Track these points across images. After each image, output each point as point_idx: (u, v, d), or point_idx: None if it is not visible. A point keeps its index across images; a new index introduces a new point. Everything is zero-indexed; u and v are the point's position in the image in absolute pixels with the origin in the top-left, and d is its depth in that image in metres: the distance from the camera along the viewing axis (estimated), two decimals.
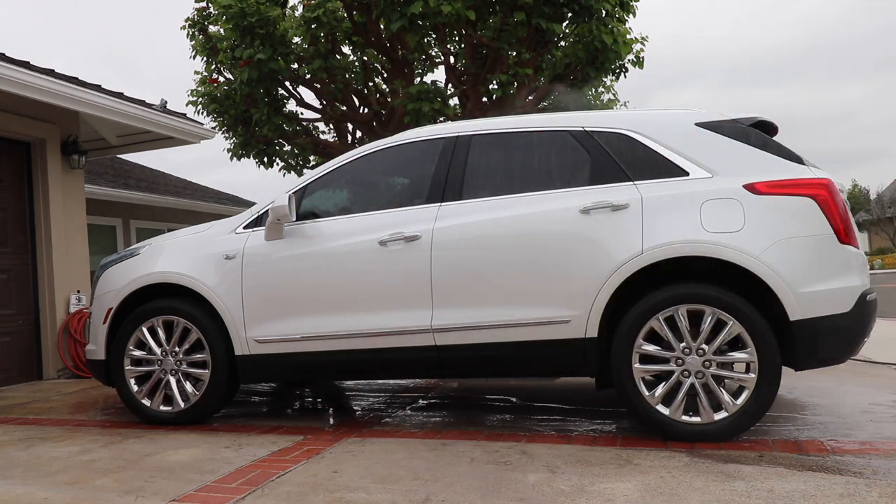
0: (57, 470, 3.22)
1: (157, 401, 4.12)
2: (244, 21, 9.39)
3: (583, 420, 3.88)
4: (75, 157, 6.86)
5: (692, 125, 3.53)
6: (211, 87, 10.85)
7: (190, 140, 7.91)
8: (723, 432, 3.22)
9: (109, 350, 4.22)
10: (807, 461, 2.89)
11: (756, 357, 3.17)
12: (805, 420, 3.67)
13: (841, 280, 3.23)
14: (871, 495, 2.45)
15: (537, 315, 3.45)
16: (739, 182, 3.32)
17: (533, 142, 3.75)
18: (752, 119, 3.55)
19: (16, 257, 6.48)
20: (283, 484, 2.86)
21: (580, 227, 3.45)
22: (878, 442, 3.16)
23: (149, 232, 11.60)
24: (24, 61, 5.89)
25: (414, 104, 9.28)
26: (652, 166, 3.48)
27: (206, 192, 15.28)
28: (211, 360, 4.00)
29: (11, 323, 6.38)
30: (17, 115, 6.30)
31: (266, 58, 9.53)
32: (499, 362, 3.62)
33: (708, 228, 3.27)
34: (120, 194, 10.86)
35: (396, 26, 8.62)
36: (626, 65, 10.43)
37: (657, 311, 3.28)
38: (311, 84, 10.70)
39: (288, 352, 3.88)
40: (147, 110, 7.06)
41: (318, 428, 3.92)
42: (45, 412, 4.81)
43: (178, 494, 2.78)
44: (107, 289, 4.31)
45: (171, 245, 4.29)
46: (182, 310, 4.05)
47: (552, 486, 2.69)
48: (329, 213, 4.01)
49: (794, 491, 2.52)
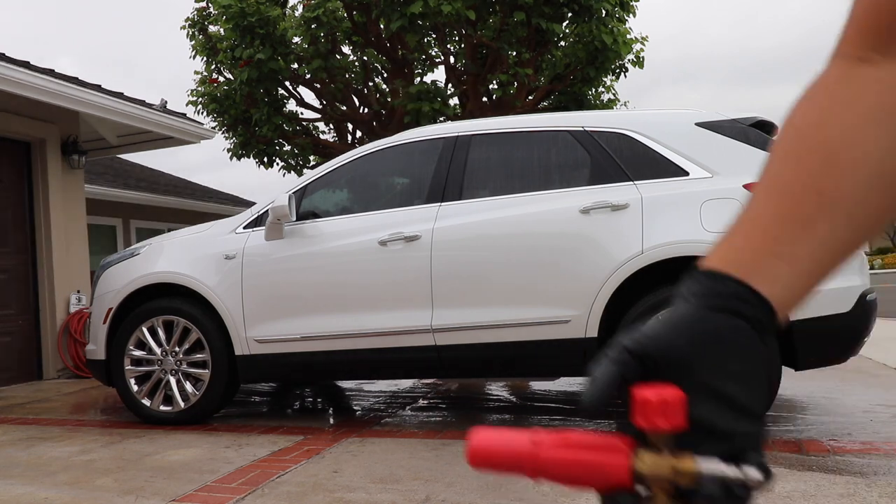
0: (57, 470, 3.22)
1: (157, 401, 4.12)
2: (244, 21, 9.40)
3: (583, 420, 3.88)
4: (75, 157, 6.86)
5: (692, 125, 3.53)
6: (211, 87, 10.85)
7: (190, 140, 7.91)
8: None
9: (109, 350, 4.22)
10: (807, 461, 2.89)
11: None
12: (805, 420, 3.67)
13: (841, 280, 3.22)
14: (871, 495, 2.45)
15: (537, 315, 3.45)
16: (739, 182, 3.32)
17: (533, 142, 3.75)
18: (752, 119, 3.54)
19: (16, 257, 6.48)
20: (283, 484, 2.86)
21: (580, 227, 3.45)
22: (878, 442, 3.16)
23: (149, 232, 11.60)
24: (24, 61, 5.89)
25: (414, 104, 9.28)
26: (652, 166, 3.48)
27: (206, 192, 15.27)
28: (211, 360, 4.00)
29: (11, 323, 6.38)
30: (18, 115, 6.30)
31: (266, 58, 9.54)
32: (499, 362, 3.62)
33: (708, 228, 3.27)
34: (120, 194, 10.86)
35: (396, 26, 8.62)
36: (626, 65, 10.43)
37: (656, 310, 3.28)
38: (311, 84, 10.70)
39: (288, 352, 3.88)
40: (147, 110, 7.06)
41: (318, 428, 3.92)
42: (45, 412, 4.81)
43: (178, 494, 2.78)
44: (107, 289, 4.30)
45: (171, 245, 4.29)
46: (182, 310, 4.05)
47: (552, 486, 2.69)
48: (329, 213, 4.01)
49: (794, 491, 2.52)
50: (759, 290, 0.48)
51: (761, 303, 0.48)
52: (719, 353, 0.47)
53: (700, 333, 0.47)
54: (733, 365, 0.47)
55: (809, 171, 0.49)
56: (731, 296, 0.48)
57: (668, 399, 0.45)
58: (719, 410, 0.46)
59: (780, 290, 0.49)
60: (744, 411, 0.46)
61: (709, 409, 0.46)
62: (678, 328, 0.48)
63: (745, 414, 0.46)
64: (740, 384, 0.47)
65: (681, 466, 0.45)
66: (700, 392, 0.46)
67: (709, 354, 0.47)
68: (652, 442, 0.46)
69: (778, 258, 0.49)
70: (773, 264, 0.49)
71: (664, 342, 0.48)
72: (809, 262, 0.49)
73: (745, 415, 0.46)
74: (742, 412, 0.46)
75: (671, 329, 0.48)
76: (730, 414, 0.46)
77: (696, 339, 0.47)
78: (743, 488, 0.44)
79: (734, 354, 0.47)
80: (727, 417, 0.46)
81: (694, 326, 0.48)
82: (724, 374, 0.47)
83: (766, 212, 0.50)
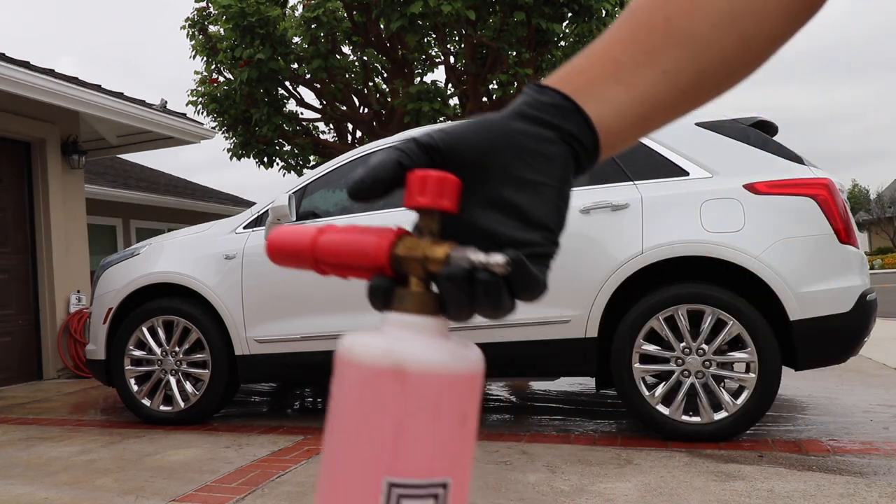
0: (57, 470, 3.22)
1: (157, 401, 4.12)
2: (244, 21, 9.39)
3: (583, 420, 3.88)
4: (75, 157, 6.86)
5: (692, 125, 3.53)
6: (211, 87, 10.85)
7: (190, 140, 7.91)
8: (722, 432, 3.22)
9: (109, 350, 4.22)
10: (807, 461, 2.89)
11: (756, 357, 3.17)
12: (805, 420, 3.67)
13: (841, 280, 3.23)
14: (871, 495, 2.45)
15: (537, 315, 3.45)
16: (739, 182, 3.32)
17: None
18: (752, 119, 3.55)
19: (16, 257, 6.48)
20: (283, 484, 2.86)
21: (580, 227, 3.45)
22: (878, 442, 3.16)
23: (149, 232, 11.60)
24: (24, 61, 5.89)
25: (414, 104, 9.28)
26: (652, 166, 3.48)
27: (206, 192, 15.28)
28: (211, 360, 4.00)
29: (11, 323, 6.38)
30: (17, 115, 6.30)
31: (266, 58, 9.53)
32: (499, 362, 3.62)
33: (708, 228, 3.27)
34: (120, 194, 10.86)
35: (396, 26, 8.61)
36: None
37: (657, 310, 3.28)
38: (311, 84, 10.70)
39: (288, 352, 3.88)
40: (147, 110, 7.06)
41: (318, 428, 3.92)
42: (45, 412, 4.81)
43: (178, 494, 2.78)
44: (107, 289, 4.31)
45: (171, 245, 4.29)
46: (182, 310, 4.05)
47: (552, 486, 2.69)
48: (329, 213, 4.01)
49: (795, 491, 2.52)
50: (582, 107, 0.46)
51: (582, 119, 0.46)
52: (512, 158, 0.45)
53: (497, 135, 0.45)
54: (526, 173, 0.45)
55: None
56: (548, 106, 0.46)
57: (434, 177, 0.43)
58: (502, 217, 0.44)
59: (609, 111, 0.47)
60: (530, 222, 0.44)
61: (492, 215, 0.44)
62: (476, 127, 0.46)
63: (531, 225, 0.44)
64: (531, 194, 0.44)
65: (433, 251, 0.44)
66: (485, 195, 0.45)
67: (501, 157, 0.45)
68: (420, 228, 0.45)
69: (615, 81, 0.47)
70: (608, 86, 0.47)
71: (455, 137, 0.46)
72: (647, 89, 0.47)
73: (532, 226, 0.44)
74: (528, 223, 0.44)
75: (468, 127, 0.46)
76: (513, 223, 0.44)
77: (490, 139, 0.45)
78: (486, 272, 0.42)
79: (529, 162, 0.45)
80: (509, 225, 0.44)
81: (492, 127, 0.46)
82: (514, 181, 0.45)
83: (615, 36, 0.49)
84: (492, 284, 0.42)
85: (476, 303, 0.43)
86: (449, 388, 0.42)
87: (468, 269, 0.42)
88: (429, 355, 0.42)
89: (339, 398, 0.43)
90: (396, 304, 0.44)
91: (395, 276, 0.45)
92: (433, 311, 0.44)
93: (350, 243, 0.46)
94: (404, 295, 0.44)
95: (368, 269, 0.46)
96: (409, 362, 0.41)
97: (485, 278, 0.42)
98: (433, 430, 0.42)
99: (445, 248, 0.43)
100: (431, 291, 0.44)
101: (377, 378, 0.42)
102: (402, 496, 0.41)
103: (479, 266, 0.42)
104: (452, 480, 0.43)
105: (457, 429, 0.43)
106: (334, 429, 0.43)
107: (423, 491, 0.42)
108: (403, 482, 0.41)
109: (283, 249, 0.48)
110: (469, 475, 0.45)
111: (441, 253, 0.43)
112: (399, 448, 0.41)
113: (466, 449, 0.44)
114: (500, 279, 0.42)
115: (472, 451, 0.45)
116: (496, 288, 0.42)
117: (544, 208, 0.45)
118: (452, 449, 0.43)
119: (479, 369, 0.45)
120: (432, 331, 0.44)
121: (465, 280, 0.42)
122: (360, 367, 0.42)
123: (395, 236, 0.45)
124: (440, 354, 0.43)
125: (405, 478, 0.41)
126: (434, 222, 0.45)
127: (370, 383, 0.42)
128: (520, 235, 0.44)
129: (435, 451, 0.42)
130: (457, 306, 0.43)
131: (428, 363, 0.42)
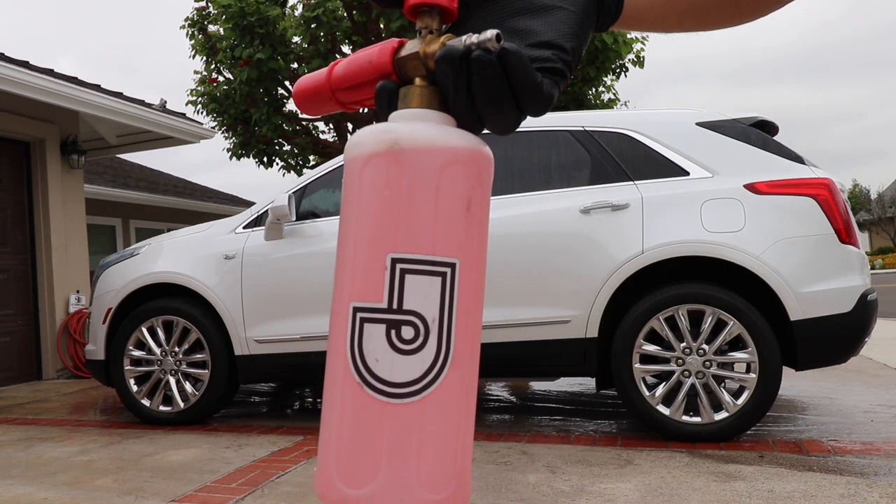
0: (56, 470, 3.21)
1: (157, 401, 4.11)
2: (244, 21, 9.40)
3: (583, 420, 3.88)
4: (75, 156, 6.85)
5: (693, 125, 3.53)
6: (210, 87, 10.85)
7: (189, 140, 7.91)
8: (724, 432, 3.21)
9: (109, 350, 4.21)
10: (808, 461, 2.88)
11: (757, 357, 3.17)
12: (806, 420, 3.67)
13: (841, 280, 3.22)
14: (871, 496, 2.44)
15: (537, 315, 3.45)
16: (740, 182, 3.32)
17: (533, 141, 3.74)
18: (753, 119, 3.54)
19: (15, 257, 6.47)
20: (283, 484, 2.85)
21: (580, 227, 3.44)
22: (879, 442, 3.15)
23: (149, 232, 11.60)
24: (24, 61, 5.89)
25: None
26: (652, 166, 3.48)
27: (206, 192, 15.27)
28: (210, 360, 4.00)
29: (11, 323, 6.38)
30: (17, 114, 6.30)
31: (266, 57, 9.53)
32: (499, 362, 3.61)
33: (708, 228, 3.27)
34: (120, 194, 10.86)
35: (396, 26, 8.61)
36: (626, 64, 10.43)
37: (658, 310, 3.28)
38: None
39: (288, 352, 3.88)
40: (146, 110, 7.06)
41: (318, 429, 3.91)
42: (44, 412, 4.80)
43: (178, 494, 2.77)
44: (106, 289, 4.30)
45: (170, 245, 4.29)
46: (181, 310, 4.05)
47: (552, 486, 2.69)
48: (329, 213, 4.01)
49: (795, 491, 2.52)
50: None
51: None
52: None
53: None
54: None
55: None
56: None
57: None
58: (512, 37, 0.46)
59: None
60: (541, 42, 0.46)
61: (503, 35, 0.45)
62: None
63: (541, 44, 0.46)
64: (543, 17, 0.46)
65: (431, 45, 0.45)
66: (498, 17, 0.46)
67: None
68: (419, 30, 0.46)
69: None
70: None
71: None
72: None
73: (542, 45, 0.46)
74: (539, 42, 0.45)
75: None
76: (523, 42, 0.45)
77: None
78: (480, 49, 0.43)
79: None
80: (520, 44, 0.45)
81: None
82: (528, 5, 0.46)
83: None
84: (486, 62, 0.42)
85: (474, 90, 0.44)
86: (448, 167, 0.44)
87: (462, 50, 0.43)
88: (424, 132, 0.44)
89: (347, 186, 0.45)
90: (400, 102, 0.46)
91: (400, 82, 0.47)
92: (435, 105, 0.46)
93: (357, 59, 0.49)
94: (406, 92, 0.46)
95: (377, 80, 0.48)
96: (404, 139, 0.43)
97: (478, 55, 0.43)
98: (434, 208, 0.43)
99: (442, 40, 0.45)
100: (433, 87, 0.46)
101: (376, 159, 0.44)
102: (406, 271, 0.43)
103: (472, 47, 0.43)
104: (460, 262, 0.44)
105: (461, 212, 0.44)
106: (344, 215, 0.46)
107: (428, 268, 0.43)
108: (406, 257, 0.43)
109: (306, 92, 0.52)
110: (482, 263, 0.46)
111: (438, 45, 0.45)
112: (399, 224, 0.43)
113: (474, 234, 0.45)
114: (493, 57, 0.43)
115: (483, 238, 0.46)
116: (490, 66, 0.43)
117: (558, 29, 0.46)
118: (457, 231, 0.44)
119: (483, 152, 0.46)
120: (434, 120, 0.45)
121: (459, 59, 0.43)
122: (361, 152, 0.45)
123: (398, 43, 0.48)
124: (437, 132, 0.44)
125: (407, 253, 0.43)
126: (434, 21, 0.46)
127: (370, 164, 0.44)
128: (529, 51, 0.45)
129: (437, 229, 0.43)
130: (455, 94, 0.44)
131: (423, 138, 0.43)
